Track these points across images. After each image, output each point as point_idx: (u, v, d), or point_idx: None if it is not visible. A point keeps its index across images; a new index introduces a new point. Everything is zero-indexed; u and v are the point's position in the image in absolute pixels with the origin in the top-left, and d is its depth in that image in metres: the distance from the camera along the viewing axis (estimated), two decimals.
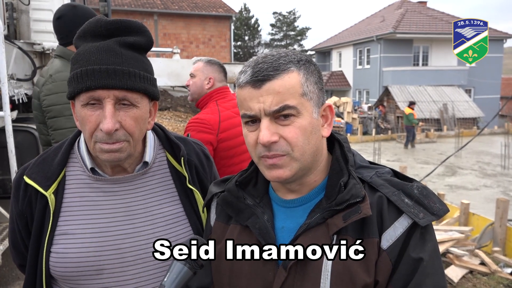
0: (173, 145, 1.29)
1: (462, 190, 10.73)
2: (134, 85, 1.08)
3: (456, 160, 13.82)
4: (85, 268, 1.14)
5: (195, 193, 1.27)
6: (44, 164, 1.20)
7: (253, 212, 1.05)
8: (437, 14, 28.94)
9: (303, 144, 0.95)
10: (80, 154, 1.21)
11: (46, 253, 1.14)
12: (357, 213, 0.93)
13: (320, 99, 1.00)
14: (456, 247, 5.54)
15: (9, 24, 4.49)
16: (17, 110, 3.98)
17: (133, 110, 1.09)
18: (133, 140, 1.12)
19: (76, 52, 1.12)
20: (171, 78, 5.42)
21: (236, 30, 42.06)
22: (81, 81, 1.05)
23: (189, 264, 0.92)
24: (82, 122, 1.10)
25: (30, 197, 1.18)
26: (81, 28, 1.14)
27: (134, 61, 1.10)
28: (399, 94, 22.99)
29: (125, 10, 20.88)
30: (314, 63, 1.02)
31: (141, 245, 1.18)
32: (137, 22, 1.15)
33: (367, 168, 1.05)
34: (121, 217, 1.18)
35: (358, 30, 31.79)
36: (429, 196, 0.96)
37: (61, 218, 1.16)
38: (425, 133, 19.61)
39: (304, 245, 0.95)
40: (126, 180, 1.20)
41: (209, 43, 22.94)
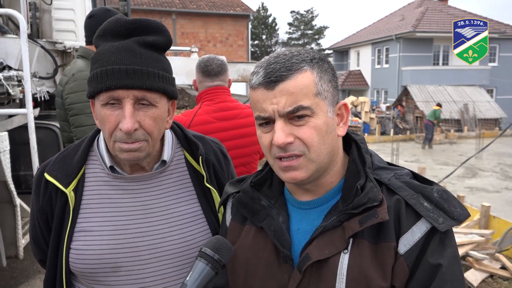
0: (191, 144, 1.29)
1: (483, 193, 10.51)
2: (153, 85, 1.08)
3: (477, 161, 13.53)
4: (102, 265, 1.15)
5: (213, 192, 1.27)
6: (64, 161, 1.22)
7: (268, 213, 1.04)
8: (459, 12, 28.38)
9: (319, 144, 0.93)
10: (100, 152, 1.22)
11: (66, 249, 1.16)
12: (374, 217, 0.90)
13: (335, 97, 0.98)
14: (476, 251, 5.44)
15: (32, 23, 4.59)
16: (39, 108, 4.06)
17: (152, 109, 1.10)
18: (152, 139, 1.12)
19: (96, 51, 1.13)
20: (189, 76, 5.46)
21: (254, 29, 42.09)
22: (101, 81, 1.06)
23: (211, 264, 0.92)
24: (101, 122, 1.11)
25: (51, 193, 1.20)
26: (101, 27, 1.15)
27: (153, 61, 1.10)
28: (418, 94, 22.64)
29: (144, 9, 21.11)
30: (328, 61, 0.99)
31: (158, 243, 1.19)
32: (156, 22, 1.15)
33: (385, 169, 1.02)
34: (138, 215, 1.19)
35: (377, 29, 31.42)
36: (449, 200, 0.93)
37: (81, 215, 1.18)
38: (445, 134, 19.27)
39: (319, 248, 0.94)
40: (144, 179, 1.21)
41: (227, 42, 23.01)
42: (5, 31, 3.86)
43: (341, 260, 0.92)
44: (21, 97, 3.57)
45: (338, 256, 0.93)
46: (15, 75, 3.43)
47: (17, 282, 4.00)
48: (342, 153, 1.04)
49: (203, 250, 0.94)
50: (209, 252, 0.94)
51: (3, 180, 3.04)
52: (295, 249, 1.00)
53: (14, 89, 3.46)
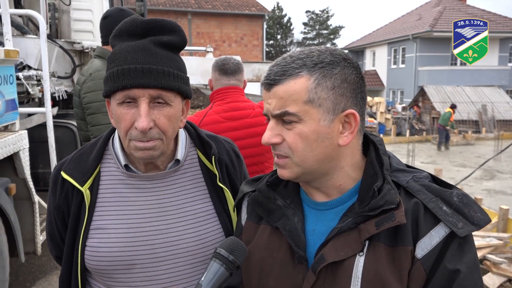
0: (204, 144, 1.30)
1: (501, 195, 10.30)
2: (168, 84, 1.09)
3: (495, 163, 13.26)
4: (117, 263, 1.16)
5: (225, 191, 1.28)
6: (80, 160, 1.23)
7: (283, 213, 1.04)
8: (477, 11, 27.89)
9: (304, 151, 0.94)
10: (115, 151, 1.24)
11: (82, 247, 1.17)
12: (391, 220, 0.89)
13: (338, 105, 0.94)
14: (494, 254, 5.34)
15: (51, 24, 4.68)
16: (57, 107, 4.14)
17: (167, 108, 1.11)
18: (166, 138, 1.13)
19: (112, 51, 1.14)
20: (204, 76, 5.49)
21: (269, 29, 42.04)
22: (117, 80, 1.07)
23: (226, 265, 0.93)
24: (117, 120, 1.12)
25: (67, 191, 1.21)
26: (117, 27, 1.16)
27: (168, 60, 1.12)
28: (435, 94, 22.32)
29: (160, 9, 21.30)
30: (344, 65, 0.95)
31: (172, 241, 1.20)
32: (171, 22, 1.16)
33: (403, 172, 1.00)
34: (153, 213, 1.20)
35: (393, 29, 31.08)
36: (469, 204, 0.91)
37: (96, 213, 1.19)
38: (462, 135, 18.95)
39: (335, 249, 0.93)
40: (158, 177, 1.22)
41: (242, 42, 23.05)
42: (25, 32, 3.94)
43: (356, 263, 0.91)
44: (40, 96, 3.65)
45: (354, 258, 0.92)
46: (35, 75, 3.50)
47: (35, 278, 4.08)
48: (357, 157, 1.02)
49: (217, 251, 0.95)
50: (224, 253, 0.94)
51: (23, 177, 3.10)
52: (310, 250, 0.99)
53: (33, 88, 3.53)
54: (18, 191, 3.05)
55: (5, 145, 2.77)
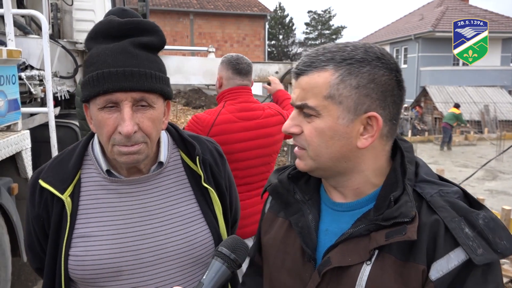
0: (187, 144, 1.28)
1: (503, 196, 10.27)
2: (151, 86, 1.07)
3: (498, 164, 13.22)
4: (103, 271, 1.14)
5: (211, 192, 1.26)
6: (59, 167, 1.20)
7: (300, 208, 1.03)
8: (480, 12, 27.81)
9: (318, 146, 0.92)
10: (95, 156, 1.21)
11: (65, 256, 1.14)
12: (401, 234, 0.84)
13: (360, 105, 0.89)
14: None
15: (54, 24, 4.69)
16: (59, 107, 4.14)
17: (150, 111, 1.09)
18: (151, 141, 1.12)
19: (89, 54, 1.11)
20: (206, 76, 5.48)
21: (271, 29, 41.96)
22: (97, 84, 1.04)
23: (227, 263, 0.93)
24: (99, 126, 1.09)
25: (46, 200, 1.17)
26: (92, 29, 1.13)
27: (149, 62, 1.09)
28: (437, 94, 22.27)
29: (162, 9, 21.32)
30: (376, 65, 0.89)
31: (159, 245, 1.18)
32: (149, 22, 1.14)
33: (431, 183, 0.93)
34: (138, 218, 1.18)
35: (395, 29, 31.03)
36: (496, 229, 0.83)
37: (78, 221, 1.16)
38: (465, 136, 18.90)
39: (342, 254, 0.91)
40: (141, 181, 1.19)
41: (244, 42, 23.05)
42: (28, 32, 3.95)
43: (362, 271, 0.89)
44: (42, 96, 3.65)
45: (360, 266, 0.89)
46: (37, 75, 3.51)
47: (37, 277, 4.08)
48: (382, 162, 0.97)
49: (219, 249, 0.95)
50: (226, 251, 0.94)
51: (25, 177, 3.11)
52: (320, 250, 0.98)
53: (35, 88, 3.54)
54: (20, 191, 3.05)
55: (7, 145, 2.77)
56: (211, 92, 6.54)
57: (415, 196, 0.90)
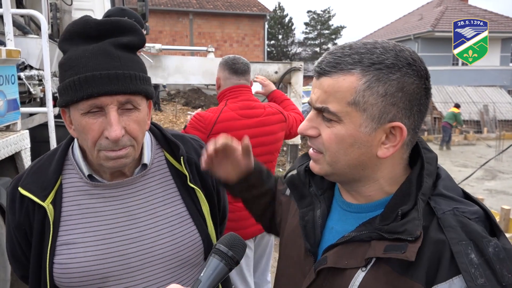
0: (171, 144, 1.25)
1: (503, 195, 10.28)
2: (136, 88, 1.04)
3: (497, 163, 13.24)
4: (90, 277, 1.11)
5: (197, 191, 1.24)
6: (38, 173, 1.16)
7: (312, 201, 1.03)
8: (479, 11, 27.84)
9: (337, 153, 0.88)
10: (76, 161, 1.17)
11: (50, 264, 1.10)
12: (400, 251, 0.81)
13: (385, 114, 0.84)
14: None
15: (53, 24, 4.69)
16: None
17: (136, 113, 1.06)
18: (137, 144, 1.09)
19: (66, 56, 1.05)
20: (205, 76, 5.48)
21: (270, 29, 41.96)
22: (80, 88, 0.99)
23: (225, 260, 0.93)
24: (83, 131, 1.04)
25: (27, 208, 1.13)
26: (66, 29, 1.07)
27: (132, 63, 1.06)
28: (436, 94, 22.29)
29: (162, 9, 21.32)
30: (406, 72, 0.83)
31: (146, 248, 1.15)
32: (127, 21, 1.10)
33: (448, 199, 0.86)
34: (123, 222, 1.15)
35: (394, 29, 31.05)
36: (505, 261, 0.75)
37: (62, 228, 1.13)
38: (464, 135, 18.91)
39: (339, 256, 0.90)
40: (125, 184, 1.17)
41: (243, 42, 23.05)
42: (27, 32, 3.95)
43: (356, 276, 0.87)
44: (42, 96, 3.65)
45: (355, 271, 0.87)
46: (36, 75, 3.51)
47: None
48: (399, 171, 0.92)
49: (217, 246, 0.95)
50: (223, 248, 0.94)
51: None
52: (323, 246, 0.98)
53: (35, 88, 3.54)
54: None
55: (6, 144, 2.77)
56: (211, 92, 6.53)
57: (427, 210, 0.85)
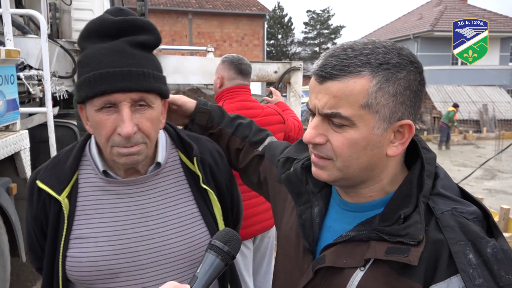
0: (185, 145, 1.26)
1: (502, 195, 10.29)
2: (149, 86, 1.06)
3: (496, 163, 13.24)
4: (100, 272, 1.13)
5: (210, 193, 1.24)
6: (56, 168, 1.19)
7: (309, 199, 1.02)
8: (478, 11, 27.86)
9: (349, 158, 0.85)
10: (92, 157, 1.20)
11: (62, 258, 1.13)
12: (403, 255, 0.80)
13: (395, 114, 0.84)
14: None
15: (52, 24, 4.69)
16: (58, 106, 4.14)
17: (149, 111, 1.07)
18: (150, 141, 1.11)
19: (83, 54, 1.08)
20: (204, 76, 5.47)
21: (269, 28, 41.96)
22: (94, 85, 1.02)
23: (221, 256, 0.93)
24: (97, 127, 1.07)
25: (44, 201, 1.17)
26: (85, 28, 1.10)
27: (146, 61, 1.08)
28: (436, 94, 22.31)
29: (161, 9, 21.30)
30: (410, 69, 0.84)
31: (156, 247, 1.16)
32: (144, 20, 1.12)
33: (446, 199, 0.85)
34: (135, 219, 1.17)
35: (394, 28, 31.06)
36: (503, 262, 0.75)
37: (76, 222, 1.15)
38: (463, 135, 18.92)
39: (337, 255, 0.90)
40: (139, 182, 1.18)
41: (242, 41, 23.04)
42: (26, 31, 3.95)
43: (354, 276, 0.86)
44: (41, 96, 3.65)
45: (354, 270, 0.87)
46: (35, 75, 3.50)
47: (36, 278, 4.08)
48: (397, 170, 0.92)
49: (212, 242, 0.95)
50: (219, 244, 0.94)
51: (24, 177, 3.10)
52: (321, 245, 0.97)
53: (34, 88, 3.53)
54: (19, 191, 3.05)
55: (6, 145, 2.77)
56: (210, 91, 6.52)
57: (426, 210, 0.85)
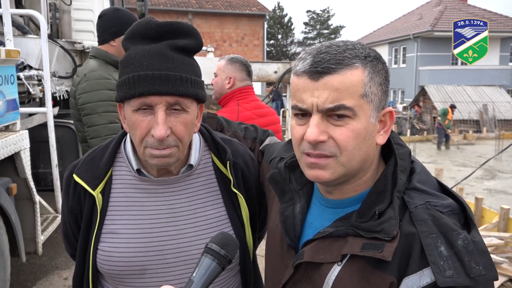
0: (219, 148, 1.28)
1: (502, 195, 10.30)
2: (186, 90, 1.07)
3: (496, 163, 13.26)
4: (129, 267, 1.16)
5: (239, 197, 1.26)
6: (92, 163, 1.22)
7: (292, 197, 1.03)
8: (478, 11, 27.87)
9: (353, 150, 0.86)
10: (126, 155, 1.23)
11: (94, 250, 1.18)
12: (377, 251, 0.82)
13: (382, 102, 0.89)
14: (494, 254, 5.34)
15: (52, 24, 4.69)
16: (58, 107, 4.13)
17: (184, 115, 1.08)
18: (182, 145, 1.12)
19: (126, 55, 1.11)
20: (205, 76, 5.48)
21: (269, 28, 41.98)
22: (133, 86, 1.05)
23: (217, 259, 0.92)
24: (132, 127, 1.09)
25: (79, 195, 1.21)
26: (130, 29, 1.13)
27: (185, 65, 1.09)
28: (436, 94, 22.31)
29: (161, 9, 21.30)
30: (383, 62, 0.90)
31: (183, 247, 1.19)
32: (187, 25, 1.13)
33: (421, 193, 0.87)
34: (165, 218, 1.19)
35: (394, 28, 31.07)
36: (474, 253, 0.77)
37: (108, 217, 1.19)
38: (463, 135, 18.93)
39: (315, 250, 0.92)
40: (171, 182, 1.20)
41: (242, 41, 23.04)
42: (26, 32, 3.95)
43: (332, 271, 0.88)
44: (41, 96, 3.65)
45: (331, 265, 0.89)
46: (35, 75, 3.51)
47: (36, 278, 4.08)
48: (377, 163, 0.94)
49: (209, 245, 0.94)
50: (215, 247, 0.93)
51: (24, 177, 3.10)
52: (302, 241, 0.98)
53: (34, 88, 3.53)
54: (19, 191, 3.05)
55: (6, 145, 2.77)
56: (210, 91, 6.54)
57: (402, 204, 0.87)
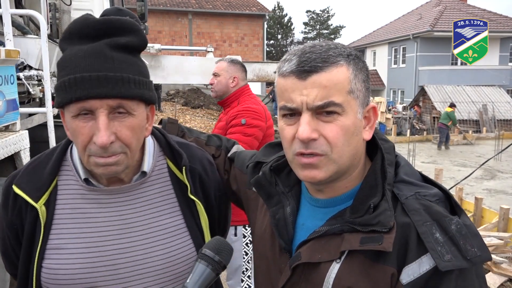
0: (174, 152, 1.19)
1: (502, 195, 10.29)
2: (128, 92, 0.98)
3: (496, 163, 13.26)
4: (78, 285, 1.06)
5: (197, 204, 1.18)
6: (34, 172, 1.12)
7: (280, 200, 1.03)
8: (478, 11, 27.88)
9: (343, 146, 0.87)
10: (73, 163, 1.13)
11: (37, 268, 1.07)
12: (377, 243, 0.83)
13: (366, 98, 0.92)
14: (494, 254, 5.34)
15: (52, 24, 4.69)
16: None
17: (129, 119, 0.99)
18: (131, 151, 1.03)
19: (62, 56, 1.02)
20: (204, 76, 5.48)
21: (269, 28, 42.01)
22: (69, 90, 0.95)
23: (212, 265, 0.91)
24: (73, 134, 1.00)
25: (20, 207, 1.10)
26: (66, 28, 1.03)
27: (127, 65, 1.00)
28: (435, 94, 22.31)
29: (161, 9, 21.32)
30: (363, 60, 0.93)
31: (137, 260, 1.10)
32: (128, 21, 1.05)
33: (409, 184, 0.90)
34: (116, 230, 1.10)
35: (393, 28, 31.08)
36: (467, 236, 0.80)
37: (53, 231, 1.08)
38: (463, 135, 18.94)
39: (312, 250, 0.91)
40: (122, 191, 1.11)
41: (242, 41, 23.05)
42: (26, 32, 3.95)
43: (331, 269, 0.88)
44: (41, 96, 3.65)
45: (330, 263, 0.89)
46: (35, 75, 3.51)
47: None
48: (364, 158, 0.96)
49: (203, 251, 0.93)
50: (209, 253, 0.92)
51: None
52: (295, 243, 0.98)
53: (34, 88, 3.54)
54: None
55: (6, 145, 2.77)
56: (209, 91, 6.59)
57: (392, 197, 0.89)
